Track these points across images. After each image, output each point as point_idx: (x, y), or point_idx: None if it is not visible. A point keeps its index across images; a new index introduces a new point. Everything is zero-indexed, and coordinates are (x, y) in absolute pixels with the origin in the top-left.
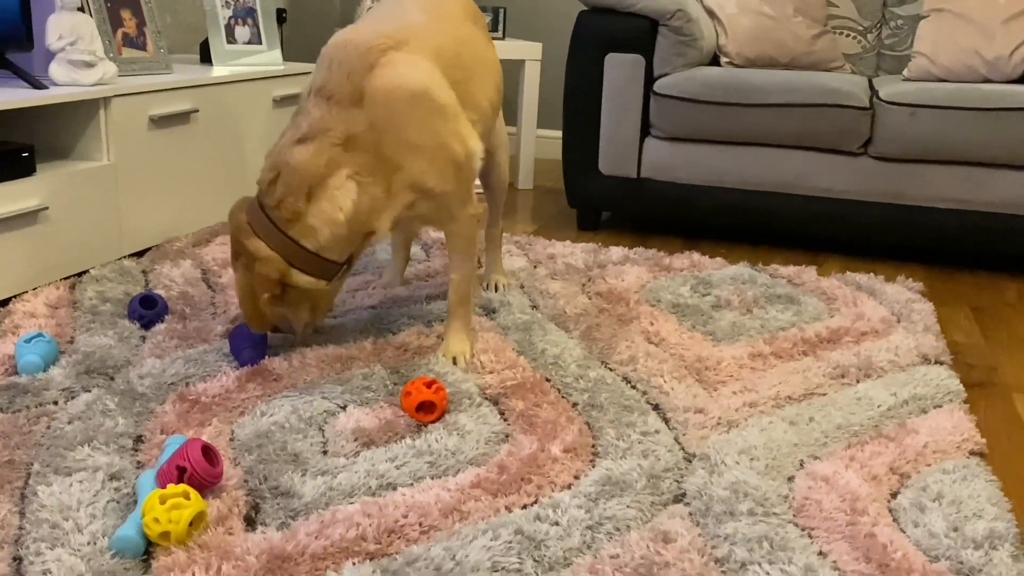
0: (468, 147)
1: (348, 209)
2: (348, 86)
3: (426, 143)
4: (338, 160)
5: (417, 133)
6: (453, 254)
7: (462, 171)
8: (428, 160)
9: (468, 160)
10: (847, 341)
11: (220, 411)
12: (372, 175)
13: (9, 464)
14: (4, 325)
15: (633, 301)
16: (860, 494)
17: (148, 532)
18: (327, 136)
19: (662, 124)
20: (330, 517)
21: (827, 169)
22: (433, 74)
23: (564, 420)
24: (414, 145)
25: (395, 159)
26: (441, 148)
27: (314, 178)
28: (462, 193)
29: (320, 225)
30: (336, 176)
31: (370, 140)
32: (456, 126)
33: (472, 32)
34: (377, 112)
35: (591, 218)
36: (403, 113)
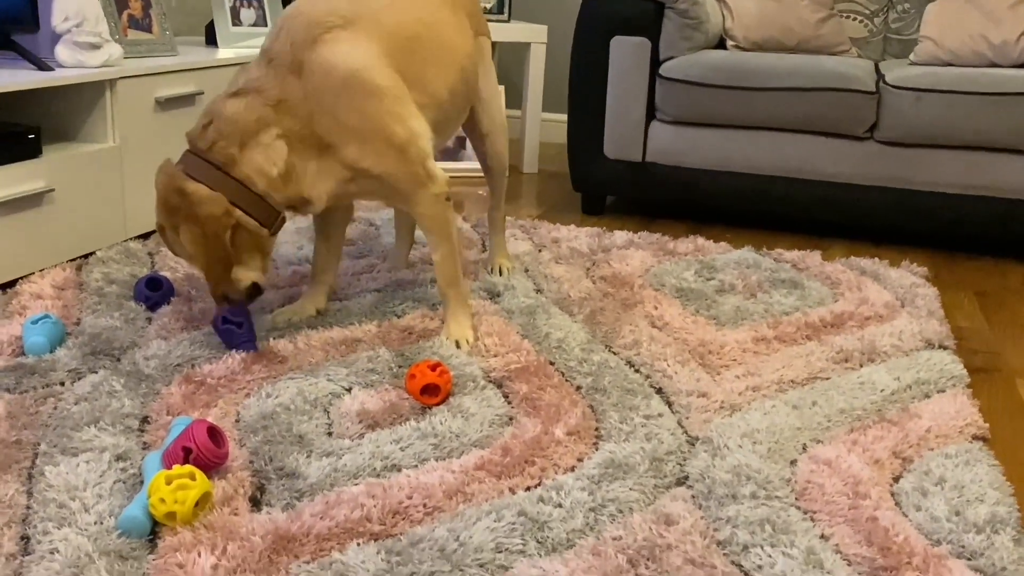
0: (409, 128)
1: (280, 167)
2: (289, 55)
3: (360, 125)
4: (268, 119)
5: (350, 114)
6: (428, 236)
7: (405, 153)
8: (361, 141)
9: (411, 141)
10: (851, 326)
11: (226, 392)
12: (302, 143)
13: (16, 444)
14: (11, 306)
15: (637, 285)
16: (862, 478)
17: (154, 512)
18: (260, 95)
19: (668, 108)
20: (335, 498)
21: (832, 154)
22: (372, 56)
23: (568, 403)
24: (347, 127)
25: (327, 136)
26: (376, 131)
27: (245, 131)
28: (413, 174)
29: (255, 176)
30: (266, 133)
31: (303, 111)
32: (395, 107)
33: (442, 17)
34: (313, 86)
35: (596, 202)
36: (337, 94)
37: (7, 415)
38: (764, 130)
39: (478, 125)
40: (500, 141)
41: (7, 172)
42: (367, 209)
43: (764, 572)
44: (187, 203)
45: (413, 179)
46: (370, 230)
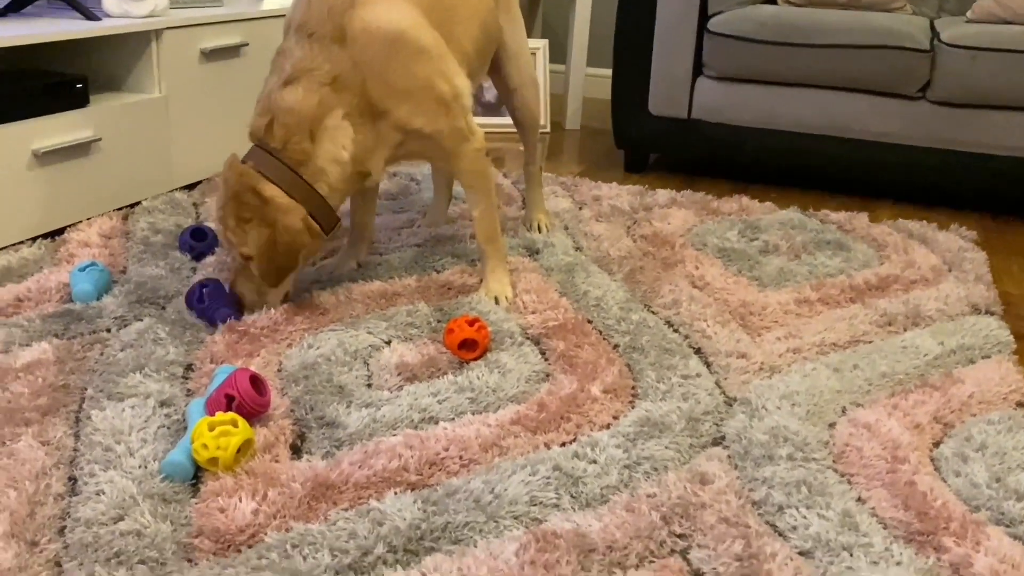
0: (454, 85)
1: (351, 149)
2: (329, 23)
3: (410, 85)
4: (329, 101)
5: (400, 76)
6: (468, 192)
7: (451, 109)
8: (414, 102)
9: (456, 98)
10: (896, 289)
11: (268, 342)
12: (362, 116)
13: (64, 388)
14: (59, 254)
15: (678, 244)
16: (902, 442)
17: (197, 457)
18: (314, 75)
19: (715, 64)
20: (373, 448)
21: (883, 113)
22: (412, 15)
23: (604, 361)
24: (398, 88)
25: (380, 102)
26: (426, 89)
27: (312, 119)
28: (458, 130)
29: (329, 166)
30: (332, 116)
31: (356, 81)
32: (440, 65)
33: None
34: (359, 53)
35: (639, 159)
36: (384, 56)
37: (55, 360)
38: (813, 88)
39: (507, 79)
40: (530, 95)
41: (55, 121)
42: (407, 165)
43: (798, 533)
44: (266, 207)
45: (458, 135)
46: (411, 185)
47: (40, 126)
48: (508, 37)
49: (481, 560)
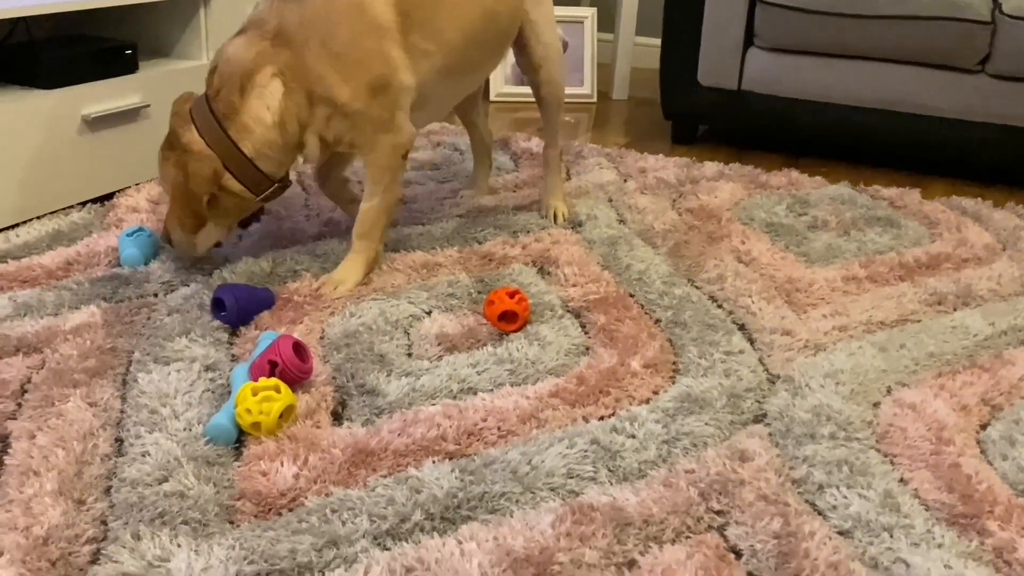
0: (395, 75)
1: (275, 109)
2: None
3: (347, 55)
4: (265, 55)
5: (342, 43)
6: (368, 183)
7: (380, 95)
8: (344, 73)
9: (389, 86)
10: (947, 267)
11: (311, 310)
12: (295, 80)
13: (112, 351)
14: (108, 219)
15: (725, 219)
16: (947, 423)
17: (240, 422)
18: (260, 28)
19: (767, 34)
20: (412, 416)
21: (939, 86)
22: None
23: (646, 336)
24: (335, 54)
25: (315, 65)
26: (362, 64)
27: (244, 73)
28: (380, 118)
29: (253, 125)
30: (263, 73)
31: (298, 39)
32: (385, 47)
33: None
34: (312, 11)
35: (686, 131)
36: (335, 21)
37: (104, 323)
38: (868, 60)
39: (531, 53)
40: (554, 70)
41: (105, 87)
42: (451, 134)
43: (838, 512)
44: (182, 153)
45: (379, 124)
46: (454, 155)
47: (90, 92)
48: (534, 13)
49: (517, 530)
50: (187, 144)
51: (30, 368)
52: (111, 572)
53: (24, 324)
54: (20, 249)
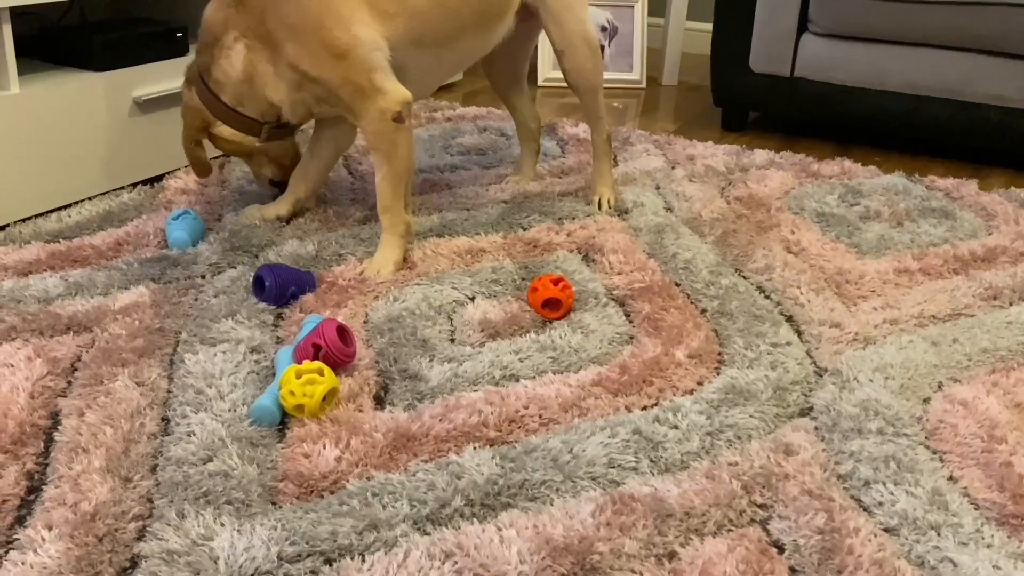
0: (353, 34)
1: (238, 70)
2: None
3: (301, 23)
4: (230, 20)
5: (291, 10)
6: (372, 155)
7: (344, 60)
8: (301, 41)
9: (351, 48)
10: (1004, 261)
11: (355, 294)
12: (259, 42)
13: (160, 331)
14: (158, 200)
15: (775, 208)
16: (1000, 421)
17: (284, 404)
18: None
19: (822, 19)
20: (454, 402)
21: (1000, 74)
22: None
23: (691, 326)
24: (290, 24)
25: (274, 32)
26: (314, 31)
27: (214, 35)
28: (355, 84)
29: (224, 80)
30: (227, 36)
31: (257, 7)
32: (340, 10)
33: None
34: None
35: (737, 118)
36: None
37: (152, 303)
38: (926, 47)
39: (553, 42)
40: (578, 56)
41: (156, 69)
42: (498, 119)
43: (884, 509)
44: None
45: (356, 90)
46: (499, 140)
47: (141, 74)
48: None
49: (557, 519)
50: (185, 100)
51: (80, 347)
52: (156, 549)
53: (75, 303)
54: (72, 229)
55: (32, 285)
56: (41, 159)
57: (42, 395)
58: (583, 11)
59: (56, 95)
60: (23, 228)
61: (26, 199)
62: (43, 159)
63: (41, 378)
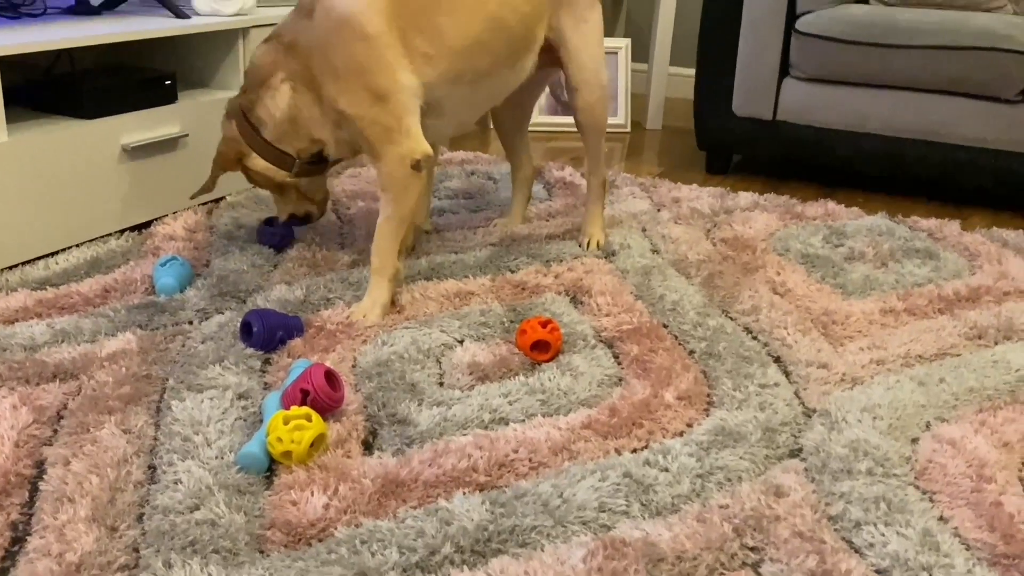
0: (395, 79)
1: (283, 110)
2: (309, 1)
3: (343, 65)
4: (278, 62)
5: (336, 54)
6: (381, 196)
7: (382, 102)
8: (344, 82)
9: (392, 91)
10: (988, 301)
11: (344, 338)
12: (304, 84)
13: (147, 378)
14: (146, 246)
15: (760, 249)
16: (988, 460)
17: (271, 450)
18: (279, 39)
19: (803, 64)
20: (443, 447)
21: (979, 117)
22: (374, 3)
23: (679, 367)
24: (333, 65)
25: (319, 75)
26: (357, 73)
27: (263, 76)
28: (384, 127)
29: (265, 117)
30: (275, 77)
31: (304, 50)
32: (382, 54)
33: None
34: (313, 27)
35: (721, 161)
36: (331, 33)
37: (139, 350)
38: (905, 90)
39: (568, 76)
40: (591, 97)
41: (145, 116)
42: (486, 163)
43: (875, 551)
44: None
45: (385, 132)
46: (487, 184)
47: (130, 121)
48: (570, 34)
49: (548, 565)
50: (224, 131)
51: (66, 394)
52: None
53: (61, 350)
54: (59, 276)
55: (18, 333)
56: (29, 207)
57: (27, 444)
58: (600, 52)
59: (45, 143)
60: (10, 276)
61: (14, 246)
62: (31, 207)
63: (27, 427)
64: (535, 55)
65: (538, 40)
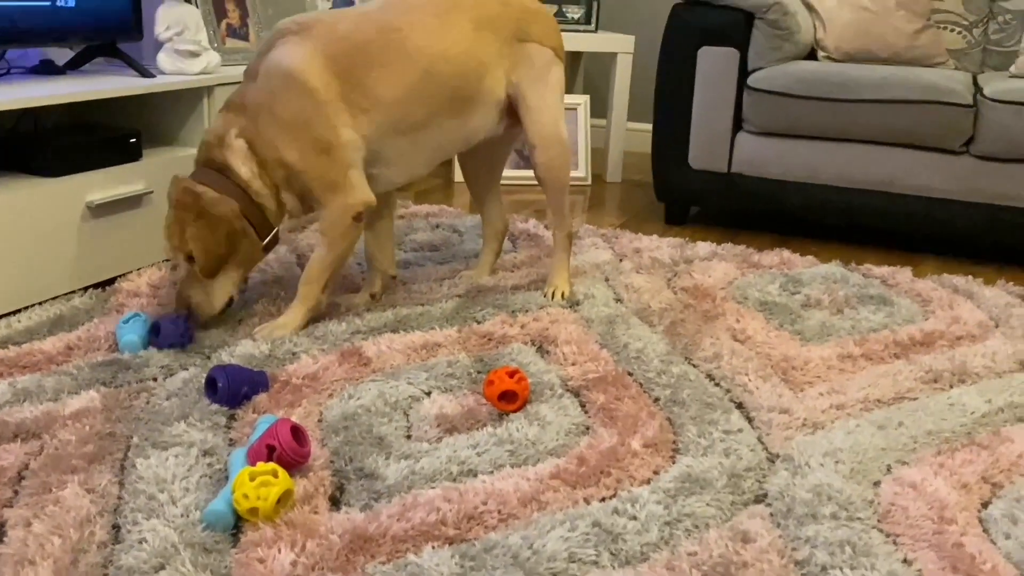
0: (337, 133)
1: (253, 166)
2: (256, 63)
3: (289, 119)
4: (230, 121)
5: (283, 109)
6: (319, 236)
7: (326, 155)
8: (289, 137)
9: (333, 146)
10: (941, 345)
11: (310, 392)
12: (255, 144)
13: (111, 436)
14: (109, 303)
15: (719, 297)
16: (949, 502)
17: (237, 507)
18: (230, 103)
19: (755, 118)
20: (412, 500)
21: (926, 167)
22: (311, 59)
23: (645, 415)
24: (280, 120)
25: (267, 133)
26: (303, 127)
27: (220, 136)
28: (330, 179)
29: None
30: (229, 135)
31: (253, 109)
32: (324, 109)
33: (429, 21)
34: (259, 86)
35: (679, 212)
36: (276, 90)
37: (103, 408)
38: (855, 142)
39: (528, 136)
40: (549, 153)
41: (109, 174)
42: (451, 216)
43: None
44: (200, 201)
45: (331, 184)
46: (453, 236)
47: (95, 179)
48: (528, 92)
49: None
50: (203, 193)
51: (28, 454)
52: None
53: (23, 410)
54: (21, 334)
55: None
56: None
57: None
58: (559, 111)
59: (9, 201)
60: None
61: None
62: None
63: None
64: (492, 110)
65: (492, 94)
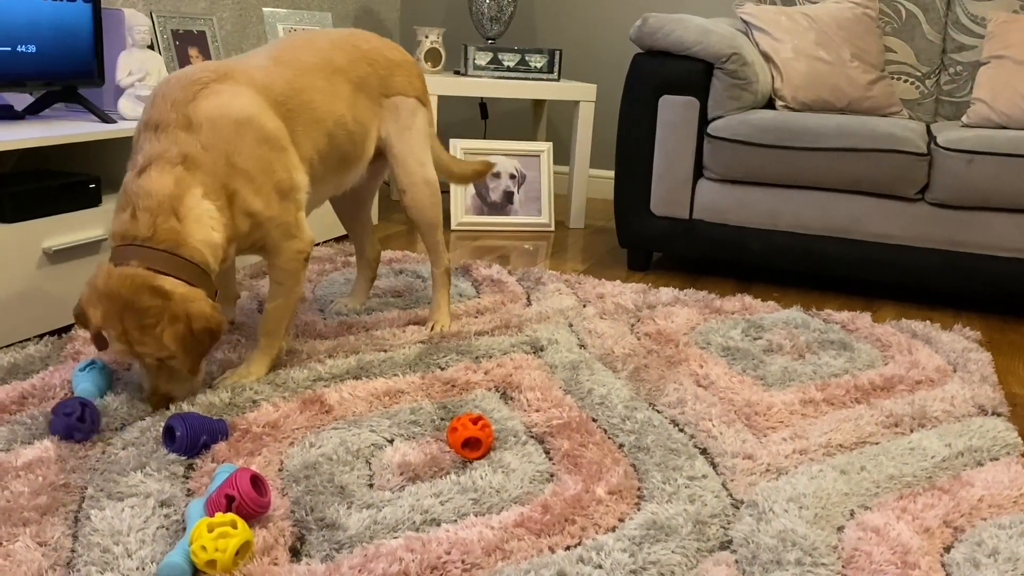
0: (293, 177)
1: (220, 232)
2: (173, 114)
3: (253, 167)
4: (184, 180)
5: (245, 157)
6: (272, 284)
7: (286, 199)
8: (256, 184)
9: (292, 190)
10: (901, 389)
11: (270, 441)
12: (219, 198)
13: (64, 487)
14: (65, 351)
15: (682, 343)
16: (912, 547)
17: (195, 560)
18: (163, 158)
19: (715, 166)
20: (374, 551)
21: (883, 214)
22: (258, 103)
23: (610, 461)
24: (243, 168)
25: (229, 182)
26: (267, 173)
27: (172, 198)
28: (286, 223)
29: (204, 248)
30: (191, 196)
31: (206, 162)
32: (281, 155)
33: (322, 84)
34: (206, 137)
35: (642, 258)
36: (231, 139)
37: (57, 458)
38: (813, 190)
39: (397, 181)
40: (419, 195)
41: (69, 220)
42: (414, 262)
43: None
44: (171, 302)
45: (284, 229)
46: (416, 282)
47: (53, 225)
48: (395, 141)
49: None
50: (172, 291)
51: None
52: None
53: None
54: None
55: None
56: None
57: None
58: (424, 154)
59: None
60: None
61: None
62: None
63: None
64: (366, 165)
65: (368, 153)
